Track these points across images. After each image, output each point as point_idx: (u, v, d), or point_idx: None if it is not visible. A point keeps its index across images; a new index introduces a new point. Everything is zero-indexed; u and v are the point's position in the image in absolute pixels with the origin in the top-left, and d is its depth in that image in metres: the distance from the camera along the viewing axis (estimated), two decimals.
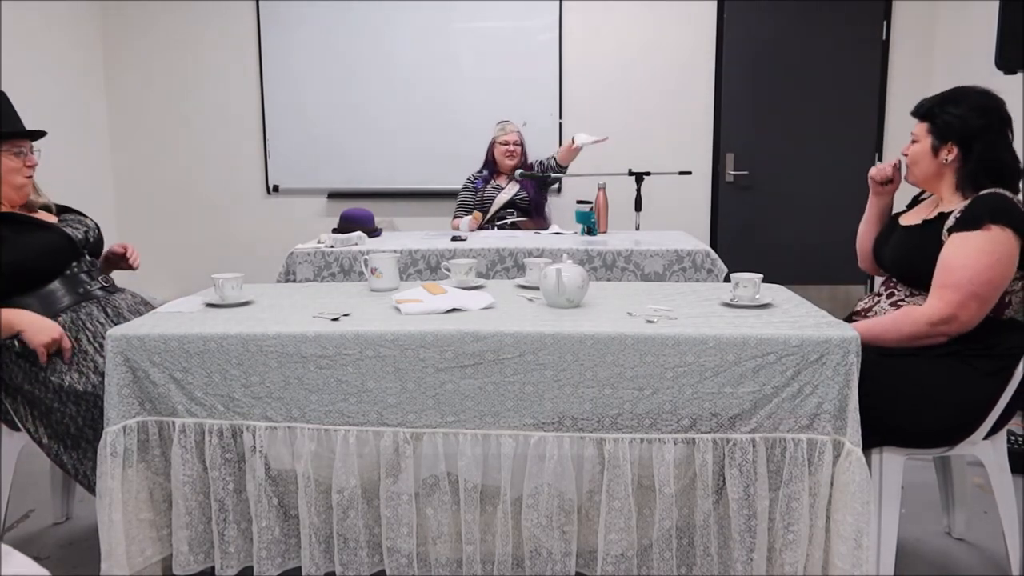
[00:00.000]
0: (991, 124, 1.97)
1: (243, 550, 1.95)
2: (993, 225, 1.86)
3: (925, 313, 1.89)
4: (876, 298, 2.14)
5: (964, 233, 1.90)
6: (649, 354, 1.79)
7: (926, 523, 2.49)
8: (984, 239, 1.87)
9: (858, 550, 1.73)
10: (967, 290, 1.85)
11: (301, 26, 4.94)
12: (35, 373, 2.06)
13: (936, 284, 1.91)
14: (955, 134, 1.99)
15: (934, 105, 2.05)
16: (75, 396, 2.05)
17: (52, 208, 2.40)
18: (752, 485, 1.78)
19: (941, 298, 1.88)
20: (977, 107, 1.98)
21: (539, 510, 1.83)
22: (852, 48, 4.77)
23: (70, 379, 2.06)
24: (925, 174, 2.08)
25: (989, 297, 1.87)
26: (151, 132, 5.16)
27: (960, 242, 1.90)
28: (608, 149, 4.86)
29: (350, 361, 1.85)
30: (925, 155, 2.06)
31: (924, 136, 2.06)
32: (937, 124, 2.02)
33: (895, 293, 2.09)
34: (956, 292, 1.86)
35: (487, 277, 3.04)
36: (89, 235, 2.36)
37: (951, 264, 1.89)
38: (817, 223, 4.92)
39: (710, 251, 3.06)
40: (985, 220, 1.87)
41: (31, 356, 2.07)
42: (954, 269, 1.88)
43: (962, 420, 1.92)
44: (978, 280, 1.85)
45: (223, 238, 5.22)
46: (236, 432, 1.89)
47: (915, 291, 2.04)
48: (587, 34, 4.87)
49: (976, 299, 1.86)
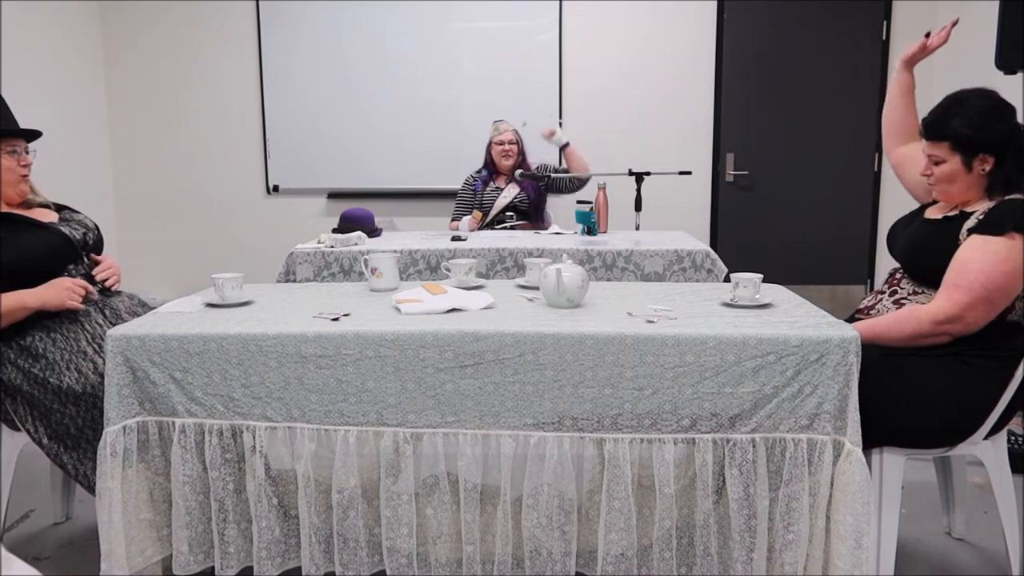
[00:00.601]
0: (1010, 123, 1.95)
1: (243, 550, 1.95)
2: (1017, 234, 1.84)
3: (930, 312, 1.88)
4: (879, 296, 2.14)
5: (985, 236, 1.87)
6: (649, 354, 1.79)
7: (926, 523, 2.49)
8: (1005, 246, 1.84)
9: (858, 550, 1.73)
10: (978, 293, 1.83)
11: (301, 26, 4.94)
12: (34, 375, 2.06)
13: (947, 283, 1.88)
14: (983, 144, 1.94)
15: (939, 121, 1.99)
16: (74, 397, 2.05)
17: (51, 207, 2.40)
18: (752, 485, 1.78)
19: (949, 298, 1.86)
20: (988, 110, 1.95)
21: (539, 510, 1.83)
22: (852, 48, 4.77)
23: (69, 380, 2.06)
24: (961, 190, 2.00)
25: (999, 303, 1.86)
26: (151, 132, 5.16)
27: (980, 244, 1.87)
28: (608, 149, 4.87)
29: (350, 361, 1.85)
30: (959, 173, 1.98)
31: (949, 155, 1.98)
32: (960, 140, 1.96)
33: (898, 291, 2.08)
34: (966, 294, 1.84)
35: (487, 277, 3.04)
36: (88, 236, 2.36)
37: (967, 265, 1.86)
38: (817, 223, 4.92)
39: (710, 251, 3.06)
40: (1009, 227, 1.84)
41: (31, 356, 2.07)
42: (968, 271, 1.85)
43: (962, 420, 1.92)
44: (991, 286, 1.83)
45: (223, 238, 5.22)
46: (236, 432, 1.89)
47: (920, 288, 2.02)
48: (587, 34, 4.87)
49: (985, 303, 1.84)
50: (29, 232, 2.20)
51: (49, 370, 2.07)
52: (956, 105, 1.98)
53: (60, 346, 2.10)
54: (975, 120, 1.94)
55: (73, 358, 2.10)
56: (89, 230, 2.38)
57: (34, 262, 2.16)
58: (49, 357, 2.08)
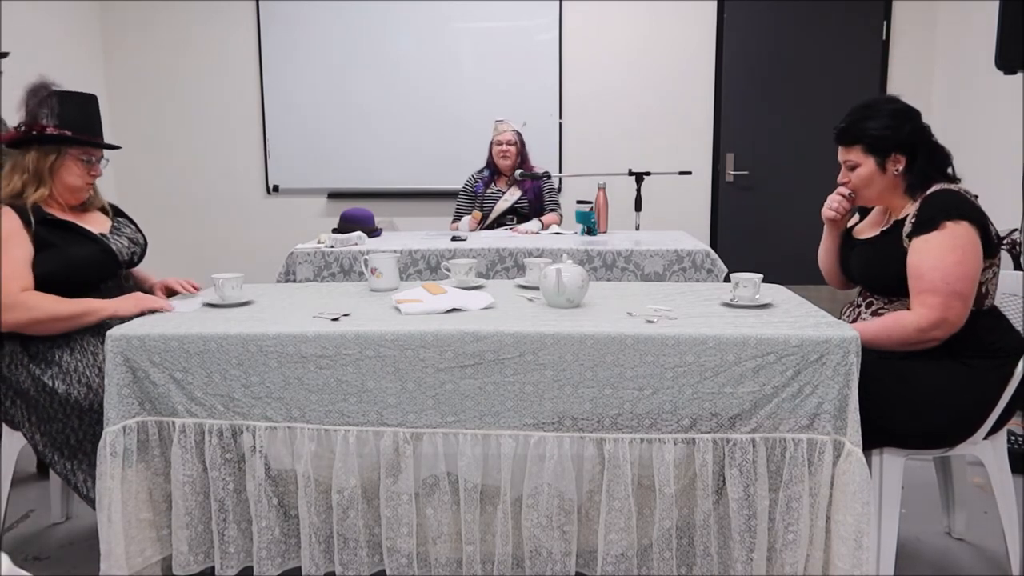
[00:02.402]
0: (916, 122, 2.04)
1: (243, 550, 1.95)
2: (948, 222, 1.89)
3: (913, 321, 1.90)
4: (856, 309, 2.16)
5: (924, 236, 1.91)
6: (649, 354, 1.79)
7: (926, 523, 2.49)
8: (945, 237, 1.89)
9: (858, 550, 1.73)
10: (945, 290, 1.86)
11: (301, 26, 4.95)
12: (43, 383, 2.05)
13: (915, 292, 1.92)
14: (894, 144, 2.03)
15: (852, 126, 2.07)
16: (79, 410, 2.04)
17: (108, 211, 2.36)
18: (752, 485, 1.78)
19: (924, 304, 1.89)
20: (896, 112, 2.04)
21: (539, 510, 1.83)
22: (852, 48, 4.77)
23: (77, 393, 2.04)
24: (880, 192, 2.10)
25: (967, 293, 1.88)
26: (151, 132, 5.16)
27: (923, 246, 1.91)
28: (608, 149, 4.87)
29: (350, 361, 1.85)
30: (874, 175, 2.07)
31: (863, 157, 2.07)
32: (871, 142, 2.05)
33: (874, 303, 2.11)
34: (935, 295, 1.87)
35: (487, 277, 3.04)
36: (135, 256, 2.32)
37: (921, 269, 1.90)
38: (817, 223, 4.85)
39: (710, 251, 3.06)
40: (940, 219, 1.90)
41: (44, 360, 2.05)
42: (925, 273, 1.89)
43: (962, 421, 1.92)
44: (952, 278, 1.86)
45: (223, 238, 5.22)
46: (236, 432, 1.89)
47: (892, 299, 2.05)
48: (587, 34, 4.87)
49: (957, 297, 1.87)
50: (78, 244, 2.16)
51: (59, 379, 2.05)
52: (866, 110, 2.08)
53: (76, 356, 2.09)
54: (885, 121, 2.03)
55: (86, 371, 2.08)
56: (138, 248, 2.35)
57: (76, 272, 2.14)
58: (63, 365, 2.07)
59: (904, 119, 2.04)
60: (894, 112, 2.04)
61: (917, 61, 4.74)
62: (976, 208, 1.93)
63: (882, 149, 2.04)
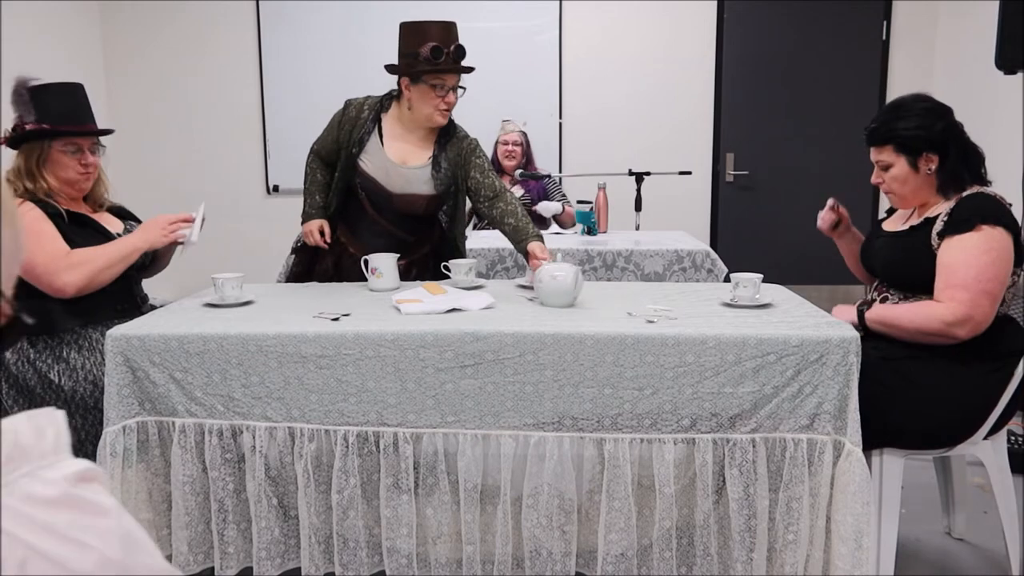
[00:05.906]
0: (948, 120, 2.01)
1: (243, 550, 1.94)
2: (985, 225, 1.88)
3: (941, 313, 1.88)
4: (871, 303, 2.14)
5: (958, 236, 1.90)
6: (649, 354, 1.79)
7: (926, 523, 2.49)
8: (980, 239, 1.87)
9: (858, 550, 1.73)
10: (976, 288, 1.85)
11: (301, 26, 4.94)
12: (50, 380, 2.04)
13: (943, 286, 1.89)
14: (926, 143, 1.99)
15: (882, 126, 2.05)
16: (83, 408, 2.04)
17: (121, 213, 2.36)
18: (752, 485, 1.78)
19: (953, 298, 1.87)
20: (926, 111, 2.01)
21: (539, 510, 1.83)
22: (852, 48, 4.77)
23: (83, 391, 2.04)
24: (913, 192, 2.06)
25: (996, 294, 1.87)
26: (151, 132, 5.15)
27: (957, 244, 1.90)
28: (608, 149, 4.87)
29: (350, 361, 1.85)
30: (907, 175, 2.03)
31: (895, 157, 2.04)
32: (903, 142, 2.02)
33: (888, 298, 2.09)
34: (966, 291, 1.85)
35: (487, 277, 3.04)
36: (146, 258, 2.28)
37: (954, 266, 1.88)
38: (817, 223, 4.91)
39: (710, 251, 3.06)
40: (976, 221, 1.88)
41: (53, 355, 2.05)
42: (957, 270, 1.87)
43: (962, 421, 1.92)
44: (984, 277, 1.85)
45: (223, 238, 5.21)
46: (236, 432, 1.89)
47: (908, 295, 2.03)
48: (587, 34, 4.86)
49: (986, 296, 1.85)
50: (94, 240, 2.15)
51: (66, 375, 2.05)
52: (897, 110, 2.05)
53: (84, 354, 2.09)
54: (916, 121, 2.00)
55: (93, 368, 2.07)
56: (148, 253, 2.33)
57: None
58: (71, 362, 2.06)
59: (935, 117, 2.00)
60: (925, 111, 2.01)
61: (917, 61, 4.74)
62: (1011, 215, 1.92)
63: (914, 148, 2.00)
